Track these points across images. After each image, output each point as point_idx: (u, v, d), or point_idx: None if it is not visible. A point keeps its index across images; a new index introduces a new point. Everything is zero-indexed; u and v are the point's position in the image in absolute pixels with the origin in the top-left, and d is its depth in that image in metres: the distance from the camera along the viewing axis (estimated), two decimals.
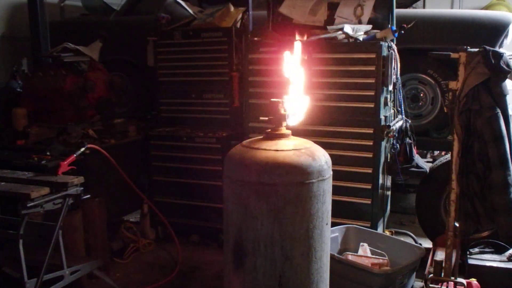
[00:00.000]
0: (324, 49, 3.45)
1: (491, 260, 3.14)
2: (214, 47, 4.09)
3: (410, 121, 3.67)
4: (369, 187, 3.43)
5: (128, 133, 4.28)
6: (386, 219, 3.86)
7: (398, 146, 3.59)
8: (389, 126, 3.40)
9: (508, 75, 2.67)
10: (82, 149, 3.32)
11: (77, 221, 3.40)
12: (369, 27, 3.59)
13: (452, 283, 2.88)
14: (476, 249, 3.26)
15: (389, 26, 3.62)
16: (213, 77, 4.12)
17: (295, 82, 2.24)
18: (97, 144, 3.67)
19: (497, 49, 3.03)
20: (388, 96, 3.55)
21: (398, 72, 3.58)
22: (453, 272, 2.91)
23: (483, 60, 2.63)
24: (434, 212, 3.91)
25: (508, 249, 3.21)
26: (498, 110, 2.64)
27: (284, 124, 2.19)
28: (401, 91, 3.68)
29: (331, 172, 2.17)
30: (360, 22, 3.66)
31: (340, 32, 3.48)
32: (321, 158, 2.12)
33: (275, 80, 3.56)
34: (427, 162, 5.01)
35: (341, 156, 3.39)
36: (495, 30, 3.90)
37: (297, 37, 3.28)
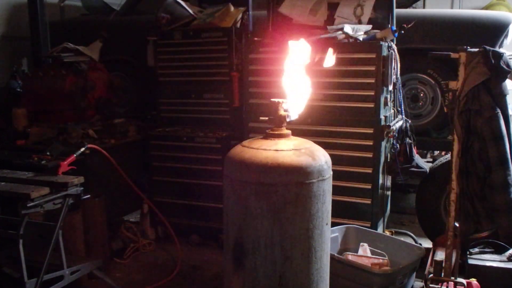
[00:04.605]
0: (324, 49, 3.44)
1: (491, 260, 3.14)
2: (214, 47, 4.09)
3: (410, 121, 3.67)
4: (369, 187, 3.43)
5: (128, 133, 4.28)
6: (386, 219, 3.86)
7: (398, 146, 3.59)
8: (389, 126, 3.40)
9: (508, 75, 2.67)
10: (82, 149, 3.32)
11: (77, 221, 3.41)
12: (369, 27, 3.59)
13: (452, 283, 2.88)
14: (476, 249, 3.25)
15: (389, 26, 3.62)
16: (213, 77, 4.12)
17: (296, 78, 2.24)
18: (97, 144, 3.67)
19: (497, 49, 3.03)
20: (388, 96, 3.55)
21: (398, 72, 3.58)
22: (453, 272, 2.91)
23: (483, 60, 2.63)
24: (434, 212, 3.91)
25: (508, 249, 3.21)
26: (498, 110, 2.64)
27: (284, 124, 2.19)
28: (401, 91, 3.68)
29: (331, 172, 2.17)
30: (360, 22, 3.66)
31: (340, 32, 3.48)
32: (321, 158, 2.11)
33: (275, 80, 3.55)
34: (427, 162, 5.01)
35: (341, 156, 3.39)
36: (495, 30, 3.90)
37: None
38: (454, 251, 2.90)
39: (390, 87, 3.47)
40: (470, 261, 3.14)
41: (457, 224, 2.86)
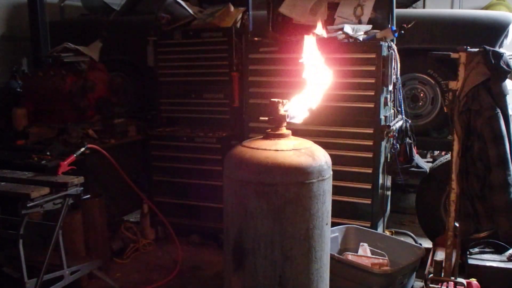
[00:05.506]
0: (324, 49, 3.44)
1: (491, 260, 3.14)
2: (214, 47, 4.09)
3: (410, 121, 3.67)
4: (369, 187, 3.43)
5: (128, 133, 4.28)
6: (386, 219, 3.86)
7: (398, 146, 3.59)
8: (389, 126, 3.40)
9: (508, 75, 2.67)
10: (82, 149, 3.32)
11: (77, 221, 3.41)
12: (369, 27, 3.59)
13: (452, 283, 2.88)
14: (476, 249, 3.26)
15: (389, 26, 3.62)
16: (213, 77, 4.12)
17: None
18: (97, 144, 3.67)
19: (497, 49, 3.03)
20: (388, 96, 3.55)
21: (398, 72, 3.58)
22: (453, 272, 2.91)
23: (483, 60, 2.64)
24: (434, 212, 3.91)
25: (508, 249, 3.21)
26: (498, 110, 2.64)
27: (284, 124, 2.19)
28: (401, 91, 3.68)
29: (331, 172, 2.17)
30: (360, 22, 3.66)
31: (340, 32, 3.48)
32: (321, 158, 2.12)
33: (275, 80, 3.56)
34: (427, 162, 5.01)
35: (341, 156, 3.39)
36: (495, 30, 3.90)
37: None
38: (454, 251, 2.90)
39: (390, 87, 3.47)
40: (470, 261, 3.14)
41: (457, 224, 2.86)
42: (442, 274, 2.91)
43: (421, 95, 4.19)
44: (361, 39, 3.47)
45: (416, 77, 4.16)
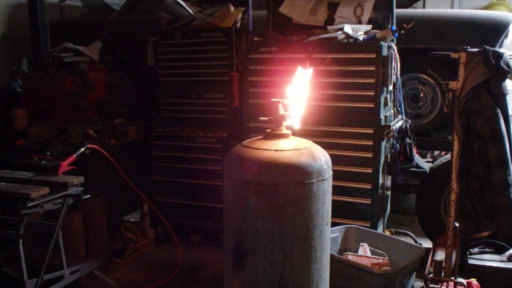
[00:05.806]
0: (324, 49, 3.45)
1: (491, 260, 3.14)
2: (214, 47, 4.09)
3: (410, 121, 3.67)
4: (369, 187, 3.43)
5: (128, 133, 4.28)
6: (386, 219, 3.86)
7: (398, 146, 3.59)
8: (389, 126, 3.40)
9: (508, 75, 2.67)
10: (82, 149, 3.32)
11: (77, 221, 3.41)
12: (369, 27, 3.59)
13: (452, 283, 2.88)
14: (476, 249, 3.25)
15: (389, 26, 3.62)
16: (213, 77, 4.12)
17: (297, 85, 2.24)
18: (97, 144, 3.67)
19: (497, 49, 3.03)
20: (388, 96, 3.55)
21: (398, 72, 3.58)
22: (453, 272, 2.91)
23: (483, 60, 2.63)
24: (434, 212, 3.91)
25: (508, 249, 3.21)
26: (498, 110, 2.64)
27: (284, 124, 2.19)
28: (401, 91, 3.68)
29: (331, 172, 2.17)
30: (360, 22, 3.66)
31: (340, 32, 3.48)
32: (321, 158, 2.11)
33: (275, 80, 3.56)
34: (427, 162, 5.01)
35: (341, 156, 3.39)
36: (495, 30, 3.90)
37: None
38: (454, 251, 2.90)
39: (390, 87, 3.47)
40: (470, 261, 3.13)
41: (457, 224, 2.86)
42: (442, 274, 2.91)
43: (421, 95, 4.19)
44: (361, 39, 3.47)
45: (416, 77, 4.16)
